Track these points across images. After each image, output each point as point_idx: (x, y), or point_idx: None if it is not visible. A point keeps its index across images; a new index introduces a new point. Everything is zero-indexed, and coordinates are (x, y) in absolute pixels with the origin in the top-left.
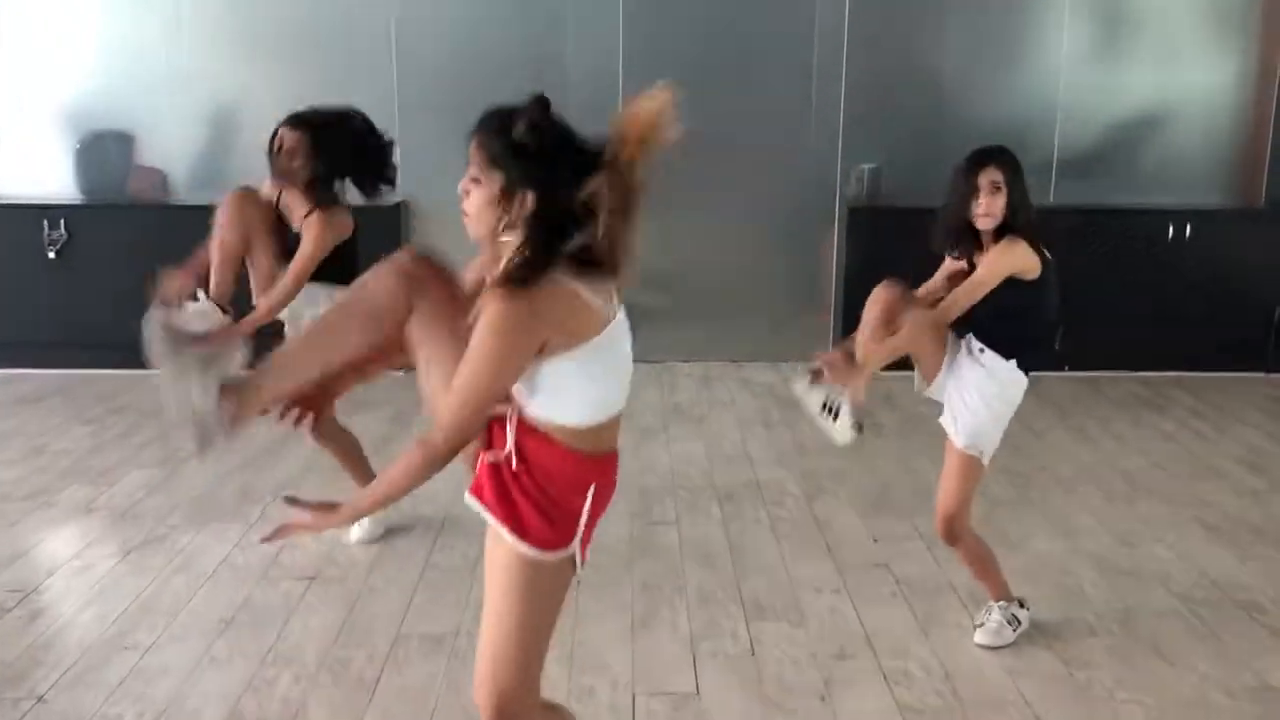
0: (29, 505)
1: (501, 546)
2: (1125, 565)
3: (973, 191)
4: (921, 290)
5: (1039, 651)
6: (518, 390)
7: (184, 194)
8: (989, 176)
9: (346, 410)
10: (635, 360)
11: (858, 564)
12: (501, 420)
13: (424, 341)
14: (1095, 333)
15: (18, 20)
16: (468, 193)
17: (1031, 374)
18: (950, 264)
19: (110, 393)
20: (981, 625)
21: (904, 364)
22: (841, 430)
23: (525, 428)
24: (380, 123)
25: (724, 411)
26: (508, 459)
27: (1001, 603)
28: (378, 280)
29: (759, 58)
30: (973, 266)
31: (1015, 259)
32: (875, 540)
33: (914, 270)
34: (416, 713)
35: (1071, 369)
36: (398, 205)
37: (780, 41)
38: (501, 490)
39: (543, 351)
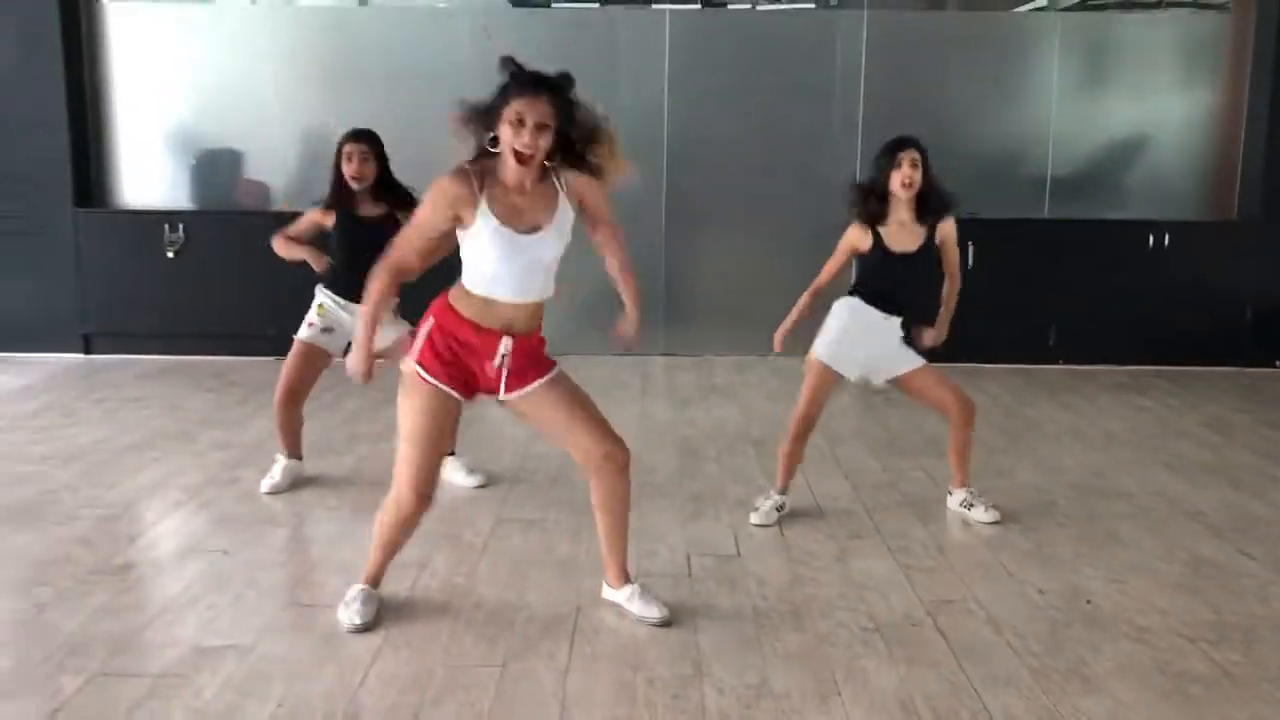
0: (180, 442)
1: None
2: (1094, 487)
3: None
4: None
5: (1014, 537)
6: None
7: (282, 203)
8: (910, 156)
9: None
10: (681, 353)
11: (869, 485)
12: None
13: None
14: (1085, 330)
15: (143, 54)
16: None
17: (1027, 366)
18: None
19: (224, 370)
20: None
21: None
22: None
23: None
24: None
25: (755, 390)
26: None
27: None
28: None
29: (786, 92)
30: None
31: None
32: (884, 470)
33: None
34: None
35: (1064, 363)
36: None
37: (805, 80)
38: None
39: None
